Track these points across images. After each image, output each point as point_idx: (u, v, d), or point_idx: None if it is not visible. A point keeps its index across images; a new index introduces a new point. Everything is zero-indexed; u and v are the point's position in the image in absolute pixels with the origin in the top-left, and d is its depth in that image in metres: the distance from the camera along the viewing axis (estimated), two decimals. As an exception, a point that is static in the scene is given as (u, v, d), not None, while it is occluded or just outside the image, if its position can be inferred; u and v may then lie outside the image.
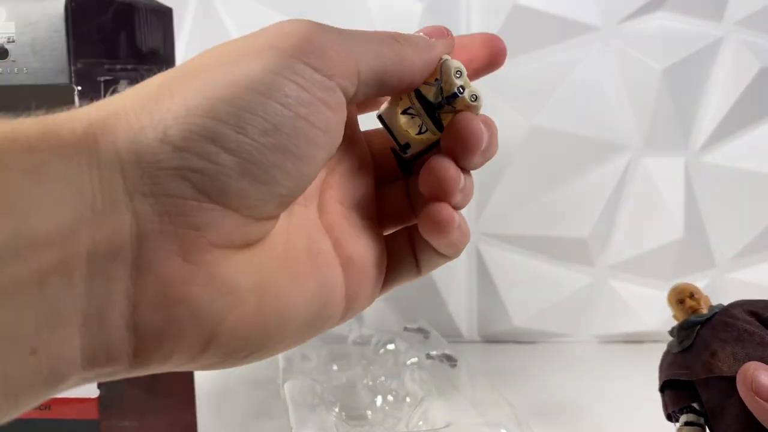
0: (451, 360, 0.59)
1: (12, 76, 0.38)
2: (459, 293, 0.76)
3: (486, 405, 0.51)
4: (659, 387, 0.42)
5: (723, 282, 0.74)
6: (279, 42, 0.21)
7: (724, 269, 0.74)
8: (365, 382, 0.57)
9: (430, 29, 0.26)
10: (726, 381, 0.38)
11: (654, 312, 0.74)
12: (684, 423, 0.40)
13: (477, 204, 0.74)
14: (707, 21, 0.71)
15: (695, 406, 0.40)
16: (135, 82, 0.42)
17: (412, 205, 0.28)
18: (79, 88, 0.39)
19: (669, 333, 0.43)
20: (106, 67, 0.40)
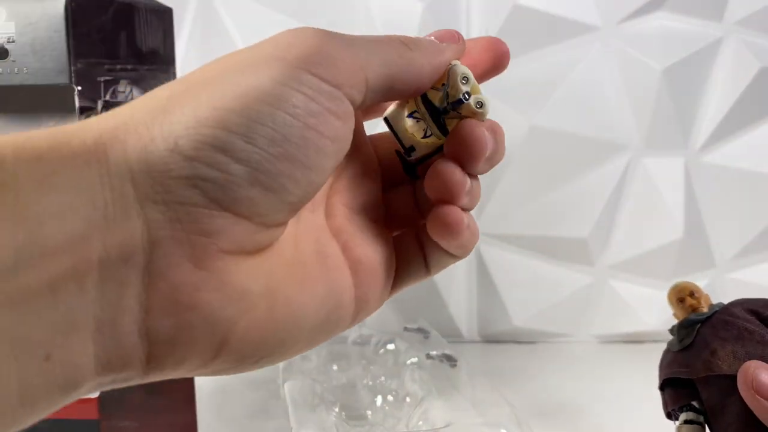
0: (451, 360, 0.59)
1: (12, 76, 0.38)
2: (459, 293, 0.76)
3: (486, 405, 0.51)
4: (659, 385, 0.42)
5: (723, 282, 0.74)
6: (285, 52, 0.21)
7: (724, 269, 0.74)
8: (365, 382, 0.57)
9: (441, 33, 0.26)
10: (726, 379, 0.38)
11: (654, 312, 0.74)
12: (684, 421, 0.40)
13: (477, 203, 0.74)
14: (707, 21, 0.71)
15: (695, 404, 0.40)
16: (135, 82, 0.43)
17: (419, 208, 0.28)
18: (79, 88, 0.39)
19: (669, 331, 0.43)
20: (106, 67, 0.40)
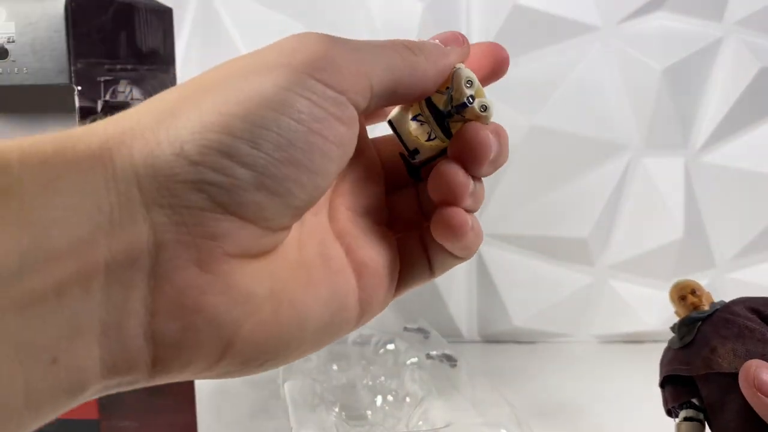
0: (451, 360, 0.59)
1: (12, 76, 0.38)
2: (459, 293, 0.76)
3: (486, 405, 0.51)
4: (659, 382, 0.42)
5: (723, 282, 0.74)
6: (290, 58, 0.22)
7: (724, 269, 0.74)
8: (365, 382, 0.57)
9: (445, 35, 0.26)
10: (726, 377, 0.38)
11: (654, 312, 0.74)
12: (683, 418, 0.40)
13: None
14: (707, 21, 0.71)
15: (695, 401, 0.40)
16: (135, 82, 0.43)
17: (423, 210, 0.28)
18: (79, 88, 0.39)
19: (671, 329, 0.43)
20: (106, 67, 0.40)
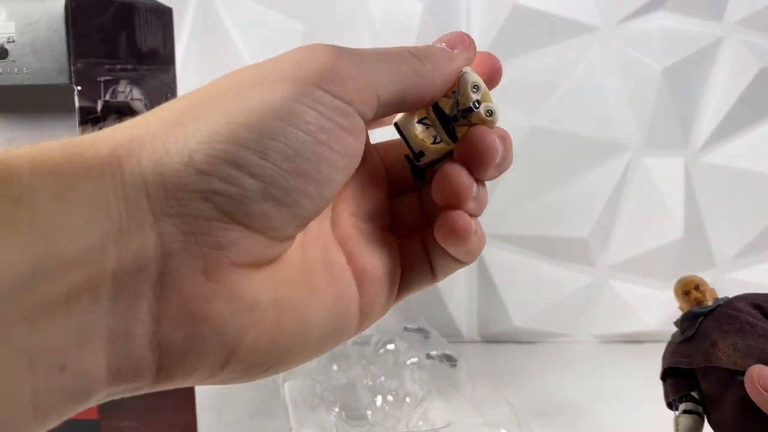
0: (451, 360, 0.59)
1: (12, 76, 0.38)
2: (459, 293, 0.76)
3: (486, 405, 0.51)
4: (661, 375, 0.43)
5: (723, 282, 0.74)
6: (297, 69, 0.22)
7: (724, 269, 0.74)
8: (365, 382, 0.57)
9: (452, 37, 0.26)
10: (725, 371, 0.38)
11: (654, 312, 0.74)
12: (683, 411, 0.41)
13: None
14: (707, 21, 0.71)
15: (695, 394, 0.41)
16: (135, 82, 0.43)
17: (426, 215, 0.28)
18: (79, 88, 0.39)
19: (674, 324, 0.44)
20: (106, 67, 0.40)
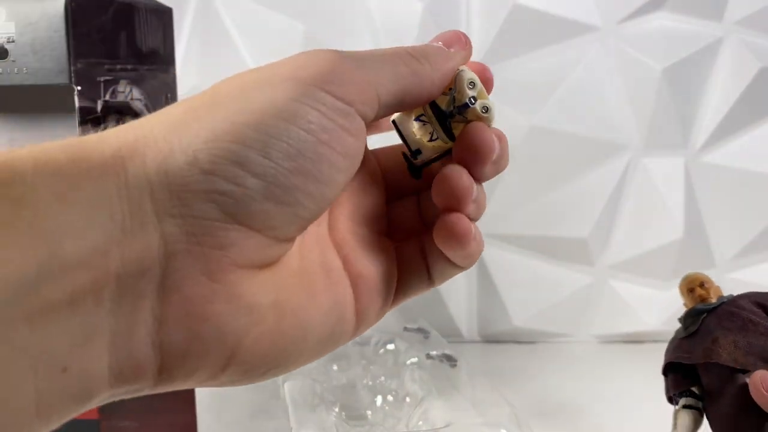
0: (451, 360, 0.59)
1: (12, 76, 0.38)
2: (459, 293, 0.76)
3: (486, 405, 0.51)
4: (662, 370, 0.44)
5: (723, 282, 0.73)
6: (300, 72, 0.22)
7: (724, 269, 0.74)
8: (365, 382, 0.57)
9: (448, 37, 0.27)
10: (725, 368, 0.39)
11: (654, 312, 0.74)
12: (682, 406, 0.41)
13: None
14: (707, 21, 0.71)
15: (695, 390, 0.41)
16: (135, 82, 0.43)
17: (423, 220, 0.28)
18: (79, 88, 0.39)
19: (678, 320, 0.45)
20: (106, 67, 0.40)
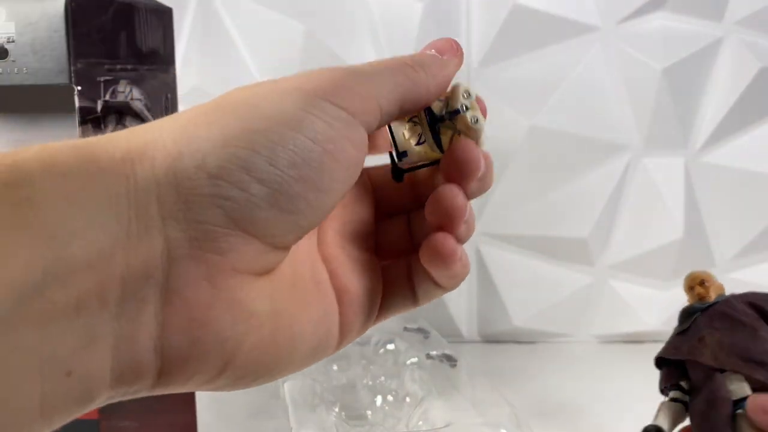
0: (451, 360, 0.59)
1: (12, 76, 0.38)
2: (459, 293, 0.76)
3: (486, 405, 0.51)
4: (654, 363, 0.45)
5: (723, 282, 0.74)
6: (306, 84, 0.23)
7: (724, 269, 0.74)
8: (365, 382, 0.57)
9: (440, 45, 0.27)
10: (707, 367, 0.41)
11: (654, 312, 0.74)
12: (670, 398, 0.43)
13: (477, 204, 0.74)
14: (707, 21, 0.71)
15: (683, 384, 0.43)
16: (135, 82, 0.43)
17: (412, 240, 0.28)
18: (79, 88, 0.39)
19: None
20: (106, 67, 0.40)
